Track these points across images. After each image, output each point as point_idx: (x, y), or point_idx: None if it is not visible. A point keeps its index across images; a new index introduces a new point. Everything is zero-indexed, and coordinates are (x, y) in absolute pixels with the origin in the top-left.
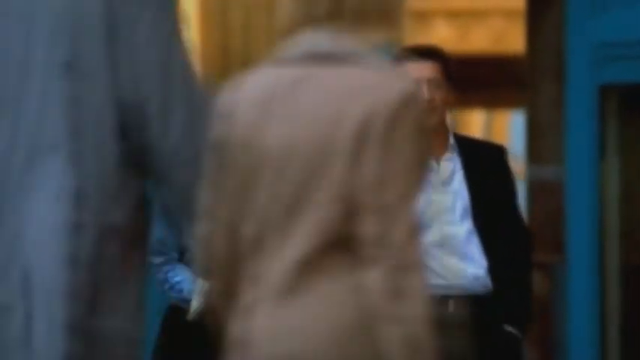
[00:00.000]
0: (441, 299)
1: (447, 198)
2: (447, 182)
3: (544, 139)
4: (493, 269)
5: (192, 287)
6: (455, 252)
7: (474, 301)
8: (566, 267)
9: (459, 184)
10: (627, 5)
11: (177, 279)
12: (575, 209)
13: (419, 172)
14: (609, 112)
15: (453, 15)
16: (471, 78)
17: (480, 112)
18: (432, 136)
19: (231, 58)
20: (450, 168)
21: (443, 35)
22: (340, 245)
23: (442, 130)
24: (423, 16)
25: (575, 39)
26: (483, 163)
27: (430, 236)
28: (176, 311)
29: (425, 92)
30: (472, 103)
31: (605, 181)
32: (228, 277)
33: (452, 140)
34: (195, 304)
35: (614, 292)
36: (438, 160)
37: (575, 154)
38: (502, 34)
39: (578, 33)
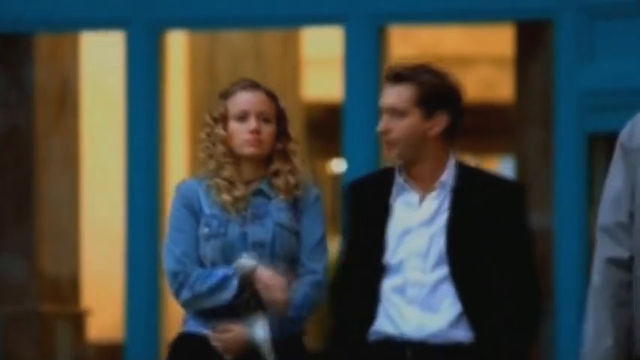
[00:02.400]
0: (398, 348)
1: (421, 241)
2: (425, 223)
3: (532, 185)
4: (481, 330)
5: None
6: (416, 301)
7: (439, 354)
8: (554, 314)
9: (439, 226)
10: (615, 54)
11: None
12: (564, 256)
13: None
14: (597, 160)
15: (441, 62)
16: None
17: (468, 158)
18: (413, 171)
19: None
20: (434, 207)
21: None
22: None
23: (428, 164)
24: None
25: (563, 87)
26: (491, 202)
27: (393, 281)
28: (184, 340)
29: (382, 122)
30: (460, 149)
31: (593, 227)
32: None
33: (444, 177)
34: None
35: None
36: (421, 199)
37: (563, 201)
38: (490, 81)
39: (567, 81)
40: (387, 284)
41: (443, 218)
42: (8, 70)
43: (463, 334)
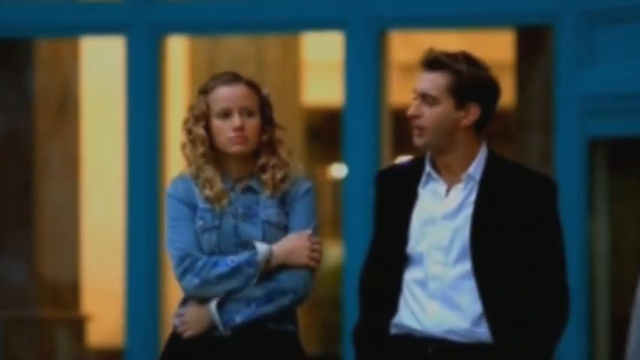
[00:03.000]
0: (419, 344)
1: (444, 234)
2: (449, 216)
3: None
4: (500, 331)
5: None
6: (437, 295)
7: (460, 352)
8: None
9: (463, 220)
10: (616, 59)
11: None
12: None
13: None
14: (598, 165)
15: None
16: None
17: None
18: (442, 160)
19: None
20: (459, 200)
21: None
22: None
23: (458, 155)
24: (409, 69)
25: (563, 92)
26: (519, 197)
27: (415, 274)
28: (177, 339)
29: (412, 106)
30: None
31: (594, 234)
32: None
33: (472, 169)
34: None
35: (603, 347)
36: (447, 189)
37: (563, 206)
38: None
39: (567, 86)
40: (409, 275)
41: (468, 211)
42: (9, 74)
43: (485, 333)
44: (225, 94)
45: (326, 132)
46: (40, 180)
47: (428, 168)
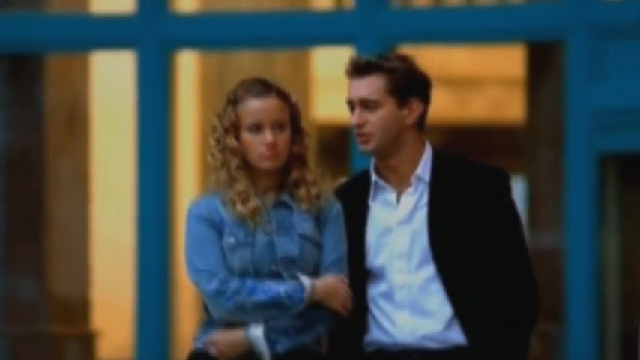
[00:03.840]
0: (395, 357)
1: (402, 240)
2: (404, 222)
3: (542, 206)
4: (474, 332)
5: None
6: (404, 304)
7: (437, 358)
8: (564, 335)
9: (420, 223)
10: (626, 73)
11: None
12: (574, 276)
13: None
14: (608, 180)
15: (451, 83)
16: (468, 146)
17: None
18: (389, 165)
19: None
20: (412, 204)
21: (440, 103)
22: None
23: (405, 156)
24: None
25: (574, 107)
26: (471, 192)
27: (380, 287)
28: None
29: (354, 116)
30: None
31: (604, 248)
32: None
33: (420, 170)
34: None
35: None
36: (398, 196)
37: (574, 221)
38: (500, 102)
39: (577, 101)
40: (373, 290)
41: (422, 214)
42: (19, 90)
43: (458, 336)
44: (256, 108)
45: (335, 147)
46: (50, 195)
47: (374, 177)
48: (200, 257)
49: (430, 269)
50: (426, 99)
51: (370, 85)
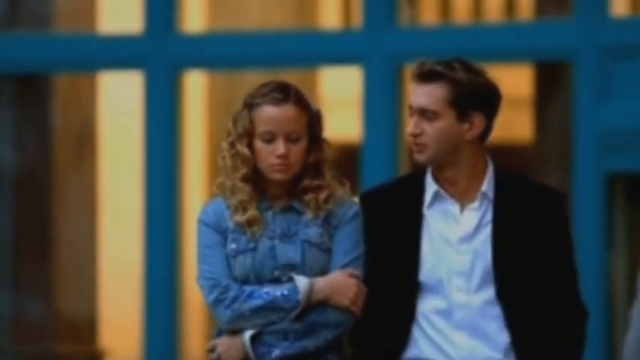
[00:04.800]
0: None
1: (463, 258)
2: (466, 238)
3: None
4: (526, 358)
5: None
6: (464, 325)
7: None
8: None
9: (482, 242)
10: (634, 94)
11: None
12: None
13: None
14: (616, 200)
15: None
16: None
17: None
18: (446, 177)
19: None
20: (476, 220)
21: None
22: None
23: (465, 171)
24: None
25: (582, 127)
26: (535, 213)
27: (435, 303)
28: None
29: (411, 124)
30: None
31: (613, 268)
32: None
33: (485, 186)
34: None
35: None
36: (461, 209)
37: (582, 241)
38: (508, 122)
39: (585, 121)
40: (427, 305)
41: (486, 233)
42: (27, 110)
43: None
44: (271, 116)
45: (344, 168)
46: (57, 216)
47: (435, 186)
48: (205, 265)
49: (490, 292)
50: (491, 114)
51: (430, 95)
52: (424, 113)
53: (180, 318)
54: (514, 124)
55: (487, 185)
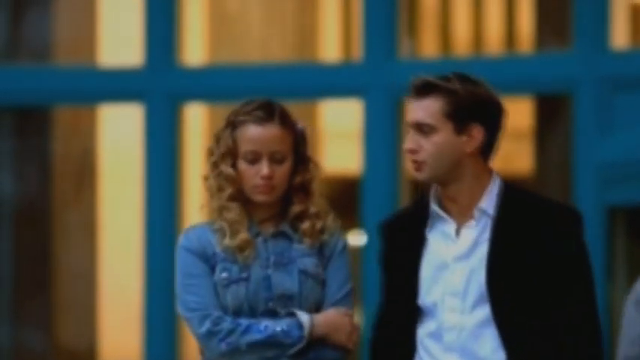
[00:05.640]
0: None
1: (457, 277)
2: (462, 257)
3: None
4: None
5: None
6: (454, 347)
7: None
8: None
9: (478, 261)
10: (635, 126)
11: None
12: None
13: None
14: (617, 233)
15: None
16: None
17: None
18: (449, 194)
19: None
20: (472, 238)
21: None
22: None
23: (467, 186)
24: None
25: (582, 160)
26: (543, 231)
27: (428, 326)
28: None
29: (408, 140)
30: None
31: (613, 301)
32: None
33: (484, 203)
34: None
35: None
36: (458, 228)
37: None
38: (509, 154)
39: (586, 154)
40: (422, 330)
41: (482, 251)
42: (27, 142)
43: None
44: (254, 136)
45: (345, 201)
46: (58, 247)
47: (434, 207)
48: (191, 295)
49: (485, 311)
50: (491, 126)
51: (426, 108)
52: (420, 128)
53: (180, 349)
54: (514, 156)
55: (487, 202)
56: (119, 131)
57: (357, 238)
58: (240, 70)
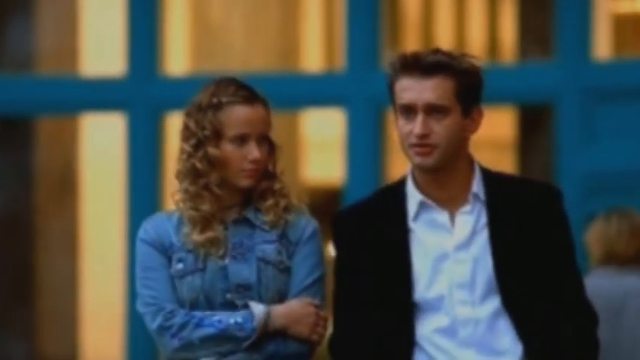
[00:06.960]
0: None
1: (462, 268)
2: (463, 246)
3: None
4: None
5: None
6: (471, 342)
7: None
8: None
9: (481, 248)
10: (617, 136)
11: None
12: None
13: None
14: None
15: None
16: None
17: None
18: (438, 182)
19: None
20: (470, 225)
21: None
22: None
23: (461, 173)
24: None
25: (565, 170)
26: (530, 211)
27: (437, 322)
28: None
29: (418, 123)
30: None
31: None
32: None
33: (475, 187)
34: None
35: None
36: (452, 215)
37: None
38: (490, 165)
39: (569, 164)
40: (427, 326)
41: (483, 238)
42: (9, 153)
43: None
44: (244, 116)
45: (327, 209)
46: (40, 258)
47: (419, 195)
48: (147, 289)
49: (495, 302)
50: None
51: (438, 88)
52: (434, 109)
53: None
54: (497, 166)
55: (477, 186)
56: (102, 141)
57: None
58: None
